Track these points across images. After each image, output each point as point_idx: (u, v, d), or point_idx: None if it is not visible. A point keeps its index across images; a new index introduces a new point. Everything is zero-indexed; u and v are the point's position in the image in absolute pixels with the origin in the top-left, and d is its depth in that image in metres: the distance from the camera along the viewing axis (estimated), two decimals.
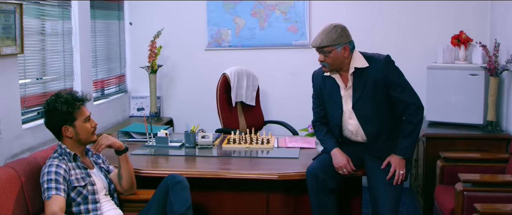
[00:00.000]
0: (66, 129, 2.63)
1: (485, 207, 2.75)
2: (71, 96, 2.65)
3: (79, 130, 2.65)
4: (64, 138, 2.66)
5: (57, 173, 2.52)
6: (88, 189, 2.63)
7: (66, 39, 4.09)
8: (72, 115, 2.63)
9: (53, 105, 2.62)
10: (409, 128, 2.95)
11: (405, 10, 4.88)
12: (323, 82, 3.09)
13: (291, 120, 4.73)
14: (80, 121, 2.65)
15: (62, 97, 2.63)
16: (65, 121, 2.62)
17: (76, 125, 2.64)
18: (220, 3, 5.08)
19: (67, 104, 2.61)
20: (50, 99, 2.67)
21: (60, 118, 2.62)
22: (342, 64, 2.97)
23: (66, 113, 2.61)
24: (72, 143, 2.67)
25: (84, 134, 2.67)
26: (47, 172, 2.52)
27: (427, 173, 4.12)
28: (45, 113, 2.67)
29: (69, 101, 2.62)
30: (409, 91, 2.96)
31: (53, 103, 2.62)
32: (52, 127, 2.67)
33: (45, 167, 2.56)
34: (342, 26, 2.95)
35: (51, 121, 2.65)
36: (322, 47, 2.92)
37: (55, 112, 2.61)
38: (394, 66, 2.97)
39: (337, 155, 3.04)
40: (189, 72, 5.22)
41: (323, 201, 2.96)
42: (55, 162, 2.57)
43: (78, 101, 2.65)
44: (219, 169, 3.17)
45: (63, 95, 2.64)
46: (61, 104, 2.60)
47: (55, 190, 2.47)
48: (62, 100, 2.62)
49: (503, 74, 4.18)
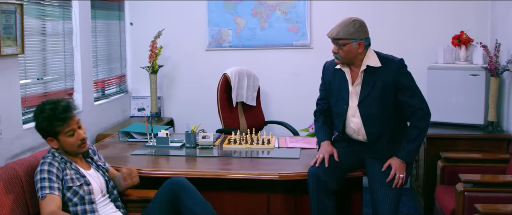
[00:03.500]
0: (51, 140, 2.59)
1: (485, 207, 2.75)
2: (53, 113, 2.53)
3: (63, 144, 2.59)
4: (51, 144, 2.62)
5: (49, 172, 2.49)
6: (84, 189, 2.58)
7: (67, 39, 4.09)
8: (53, 131, 2.55)
9: (37, 117, 2.57)
10: (414, 133, 2.95)
11: (406, 10, 4.88)
12: (333, 75, 3.10)
13: (291, 120, 4.73)
14: (63, 135, 2.57)
15: (45, 112, 2.54)
16: (47, 134, 2.58)
17: (60, 139, 2.58)
18: (220, 3, 5.08)
19: (48, 121, 2.54)
20: (37, 108, 2.60)
21: (42, 131, 2.58)
22: (355, 59, 2.97)
23: (47, 129, 2.55)
24: (60, 151, 2.63)
25: (69, 147, 2.61)
26: (40, 170, 2.50)
27: (428, 173, 4.12)
28: (33, 119, 2.61)
29: (51, 118, 2.54)
30: (418, 97, 2.97)
31: (37, 115, 2.57)
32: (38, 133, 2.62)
33: (38, 167, 2.53)
34: (361, 21, 2.95)
35: (37, 128, 2.60)
36: (337, 39, 2.93)
37: (37, 124, 2.57)
38: (406, 70, 2.98)
39: (323, 146, 3.08)
40: (190, 73, 5.22)
41: (323, 202, 2.96)
42: (47, 160, 2.54)
43: (59, 121, 2.54)
44: (219, 169, 3.17)
45: (46, 110, 2.55)
46: (42, 119, 2.55)
47: (49, 189, 2.45)
48: (44, 115, 2.54)
49: (504, 74, 4.18)
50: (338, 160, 3.01)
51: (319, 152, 3.06)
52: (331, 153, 3.03)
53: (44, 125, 2.55)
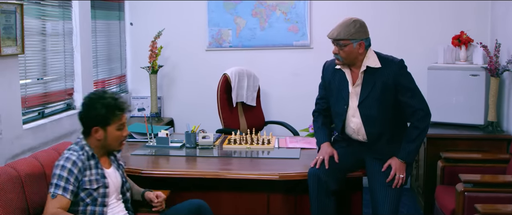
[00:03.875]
0: (96, 130, 2.51)
1: (486, 207, 2.75)
2: (114, 103, 2.51)
3: (109, 136, 2.53)
4: (91, 137, 2.54)
5: (70, 172, 2.43)
6: (99, 192, 2.53)
7: (67, 39, 4.09)
8: (107, 120, 2.50)
9: (94, 103, 2.49)
10: (415, 133, 2.95)
11: (406, 10, 4.89)
12: (332, 75, 3.10)
13: (291, 120, 4.73)
14: (113, 127, 2.52)
15: (105, 99, 2.50)
16: (98, 123, 2.50)
17: (108, 130, 2.52)
18: (220, 3, 5.08)
19: (107, 109, 2.49)
20: (94, 94, 2.54)
21: (94, 118, 2.50)
22: (355, 59, 2.97)
23: (103, 116, 2.49)
24: (97, 145, 2.56)
25: (113, 142, 2.56)
26: (62, 166, 2.42)
27: (428, 174, 4.12)
28: (84, 105, 2.53)
29: (111, 107, 2.50)
30: (418, 97, 2.96)
31: (95, 101, 2.50)
32: (84, 121, 2.54)
33: (62, 159, 2.46)
34: (361, 21, 2.95)
35: (86, 116, 2.52)
36: (338, 40, 2.92)
37: (93, 110, 2.49)
38: (406, 71, 2.97)
39: (323, 147, 3.08)
40: (190, 73, 5.22)
41: (323, 203, 2.96)
42: (73, 157, 2.45)
43: (119, 111, 2.52)
44: (219, 170, 3.17)
45: (107, 98, 2.51)
46: (101, 106, 2.48)
47: (63, 190, 2.41)
48: (104, 102, 2.49)
49: (504, 74, 4.18)
50: (338, 161, 3.01)
51: (319, 153, 3.05)
52: (331, 154, 3.03)
53: (101, 112, 2.47)
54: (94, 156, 2.56)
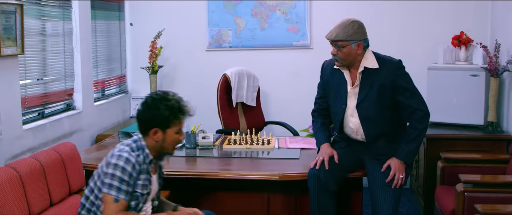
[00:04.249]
0: (155, 132, 2.45)
1: (485, 208, 2.75)
2: (178, 105, 2.47)
3: (167, 139, 2.47)
4: (148, 138, 2.47)
5: (130, 175, 2.36)
6: (143, 197, 2.47)
7: (67, 39, 4.09)
8: (168, 122, 2.44)
9: (157, 104, 2.44)
10: (414, 134, 2.95)
11: (406, 10, 4.89)
12: (331, 75, 3.09)
13: (291, 120, 4.73)
14: (172, 130, 2.47)
15: (169, 101, 2.45)
16: (159, 124, 2.44)
17: (168, 132, 2.46)
18: (220, 3, 5.08)
19: (170, 110, 2.44)
20: (156, 95, 2.48)
21: (156, 119, 2.44)
22: (354, 60, 2.96)
23: (165, 118, 2.43)
24: (153, 146, 2.48)
25: (170, 144, 2.50)
26: (123, 168, 2.35)
27: (428, 174, 4.12)
28: (145, 105, 2.47)
29: (174, 109, 2.45)
30: (417, 98, 2.96)
31: (158, 102, 2.44)
32: (143, 122, 2.48)
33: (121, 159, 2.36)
34: (359, 22, 2.94)
35: (147, 116, 2.46)
36: (336, 41, 2.91)
37: (155, 111, 2.43)
38: (404, 72, 2.97)
39: (323, 148, 3.08)
40: (190, 73, 5.22)
41: (323, 203, 2.97)
42: (132, 159, 2.38)
43: (182, 114, 2.48)
44: (219, 170, 3.17)
45: (172, 100, 2.46)
46: (165, 108, 2.43)
47: (125, 194, 2.35)
48: (168, 104, 2.44)
49: (504, 75, 4.18)
50: (338, 161, 3.01)
51: (319, 154, 3.05)
52: (331, 154, 3.03)
53: (165, 113, 2.42)
54: (151, 162, 2.50)
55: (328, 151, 3.04)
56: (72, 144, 3.07)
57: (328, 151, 3.04)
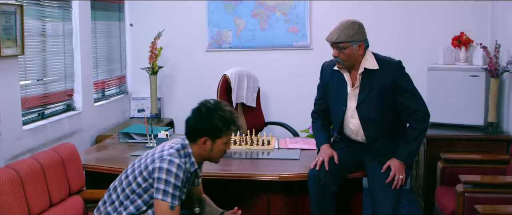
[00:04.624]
0: (205, 141, 2.43)
1: (486, 208, 2.75)
2: (231, 117, 2.45)
3: (215, 149, 2.46)
4: (196, 145, 2.45)
5: (183, 182, 2.36)
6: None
7: (67, 40, 4.09)
8: (220, 133, 2.43)
9: (211, 114, 2.41)
10: (414, 134, 2.95)
11: (406, 11, 4.89)
12: (331, 76, 3.09)
13: (291, 121, 4.73)
14: (222, 141, 2.45)
15: (224, 112, 2.43)
16: (210, 134, 2.42)
17: (217, 142, 2.44)
18: (220, 4, 5.08)
19: (224, 121, 2.42)
20: (211, 104, 2.46)
21: (208, 129, 2.42)
22: (355, 61, 2.95)
23: (218, 129, 2.42)
24: (200, 154, 2.47)
25: (216, 155, 2.49)
26: (176, 175, 2.32)
27: (428, 174, 4.12)
28: (199, 112, 2.45)
29: (228, 120, 2.43)
30: (417, 98, 2.96)
31: (213, 111, 2.42)
32: (194, 129, 2.45)
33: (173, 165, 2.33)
34: (359, 23, 2.93)
35: (199, 124, 2.43)
36: (337, 43, 2.90)
37: (210, 120, 2.41)
38: (404, 72, 2.96)
39: (323, 148, 3.08)
40: (190, 74, 5.22)
41: (323, 204, 2.96)
42: (183, 165, 2.36)
43: (234, 126, 2.46)
44: (219, 170, 3.17)
45: (225, 110, 2.44)
46: (219, 118, 2.41)
47: (179, 200, 2.34)
48: (222, 115, 2.42)
49: (504, 75, 4.18)
50: (338, 162, 3.01)
51: (319, 155, 3.05)
52: (331, 155, 3.02)
53: (219, 124, 2.41)
54: (196, 171, 2.50)
55: (328, 152, 3.04)
56: (72, 144, 3.07)
57: (328, 152, 3.04)
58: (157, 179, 2.32)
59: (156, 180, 2.33)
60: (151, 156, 2.42)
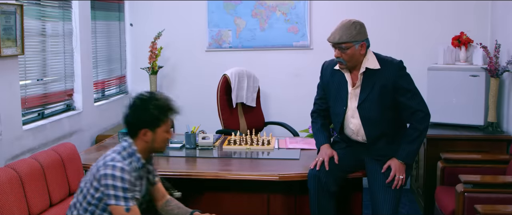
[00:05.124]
0: (145, 133, 2.41)
1: (486, 208, 2.75)
2: (166, 103, 2.44)
3: (157, 138, 2.43)
4: (138, 140, 2.43)
5: (131, 183, 2.34)
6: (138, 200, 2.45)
7: (67, 40, 4.09)
8: (158, 122, 2.41)
9: (145, 105, 2.40)
10: (414, 134, 2.95)
11: (406, 11, 4.88)
12: (331, 76, 3.08)
13: (291, 121, 4.73)
14: (162, 129, 2.43)
15: (158, 101, 2.42)
16: (148, 125, 2.40)
17: (157, 132, 2.42)
18: (220, 4, 5.08)
19: (160, 110, 2.40)
20: (144, 96, 2.45)
21: (146, 120, 2.40)
22: (357, 61, 2.95)
23: (155, 117, 2.40)
24: (144, 147, 2.45)
25: (160, 144, 2.47)
26: (121, 178, 2.30)
27: (428, 174, 4.12)
28: (133, 107, 2.43)
29: (164, 108, 2.42)
30: (418, 98, 2.95)
31: (147, 102, 2.41)
32: (132, 124, 2.43)
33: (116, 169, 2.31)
34: (360, 22, 2.93)
35: (135, 118, 2.42)
36: (340, 43, 2.89)
37: (145, 112, 2.39)
38: (405, 72, 2.96)
39: (323, 148, 3.08)
40: (190, 74, 5.22)
41: (323, 204, 2.96)
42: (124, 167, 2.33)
43: (171, 112, 2.45)
44: (219, 170, 3.17)
45: (159, 99, 2.44)
46: (154, 107, 2.39)
47: (132, 200, 2.32)
48: (157, 103, 2.41)
49: (504, 75, 4.18)
50: (338, 162, 3.01)
51: (319, 155, 3.05)
52: (331, 155, 3.02)
53: (154, 113, 2.38)
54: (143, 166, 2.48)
55: (328, 152, 3.04)
56: (72, 144, 3.08)
57: (328, 152, 3.04)
58: (105, 186, 2.33)
59: (105, 187, 2.33)
60: (96, 165, 2.42)
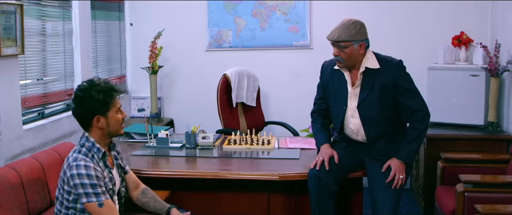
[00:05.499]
0: (98, 119, 2.43)
1: (486, 208, 2.75)
2: (108, 86, 2.47)
3: (111, 121, 2.46)
4: (93, 129, 2.46)
5: (97, 177, 2.35)
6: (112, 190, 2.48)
7: (67, 40, 4.09)
8: (107, 105, 2.44)
9: (88, 93, 2.42)
10: (414, 134, 2.95)
11: (406, 11, 4.88)
12: (331, 75, 3.08)
13: (291, 120, 4.73)
14: (113, 111, 2.46)
15: (98, 86, 2.44)
16: (98, 111, 2.43)
17: (109, 115, 2.45)
18: (220, 3, 5.08)
19: (103, 93, 2.43)
20: (83, 86, 2.46)
21: (93, 107, 2.42)
22: (356, 61, 2.95)
23: (102, 102, 2.42)
24: (101, 135, 2.47)
25: (115, 126, 2.49)
26: (87, 174, 2.32)
27: (428, 174, 4.12)
28: (77, 99, 2.45)
29: (106, 90, 2.44)
30: (417, 98, 2.95)
31: (88, 90, 2.42)
32: (82, 116, 2.46)
33: (80, 167, 2.33)
34: (361, 22, 2.93)
35: (83, 109, 2.44)
36: (338, 42, 2.90)
37: (90, 100, 2.41)
38: (405, 72, 2.96)
39: (323, 148, 3.08)
40: (190, 73, 5.22)
41: (323, 203, 2.96)
42: (87, 163, 2.35)
43: (114, 92, 2.48)
44: (219, 170, 3.17)
45: (99, 84, 2.45)
46: (97, 93, 2.41)
47: (103, 194, 2.33)
48: (98, 88, 2.43)
49: (504, 75, 4.18)
50: (338, 162, 3.01)
51: (319, 155, 3.05)
52: (331, 155, 3.02)
53: (99, 97, 2.41)
54: (105, 155, 2.50)
55: (328, 152, 3.04)
56: (72, 144, 3.08)
57: (328, 152, 3.04)
58: (74, 186, 2.34)
59: (74, 187, 2.34)
60: (63, 168, 2.43)
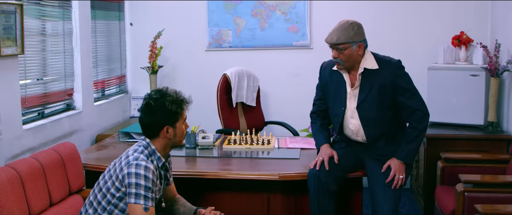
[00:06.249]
0: (167, 130, 2.45)
1: (486, 208, 2.75)
2: (178, 97, 2.51)
3: (178, 132, 2.49)
4: (159, 138, 2.47)
5: (153, 182, 2.35)
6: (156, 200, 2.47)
7: (67, 39, 4.09)
8: (177, 116, 2.47)
9: (161, 102, 2.44)
10: (414, 134, 2.95)
11: (406, 10, 4.88)
12: (330, 76, 3.08)
13: (291, 120, 4.73)
14: (180, 122, 2.50)
15: (170, 96, 2.48)
16: (169, 121, 2.45)
17: (177, 126, 2.48)
18: (220, 3, 5.08)
19: (176, 104, 2.46)
20: (155, 95, 2.49)
21: (165, 117, 2.44)
22: (355, 62, 2.95)
23: (173, 112, 2.45)
24: (164, 144, 2.49)
25: (180, 137, 2.52)
26: (145, 176, 2.32)
27: (428, 174, 4.12)
28: (148, 108, 2.45)
29: (179, 101, 2.49)
30: (417, 98, 2.95)
31: (161, 100, 2.45)
32: (152, 124, 2.46)
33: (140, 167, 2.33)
34: (358, 23, 2.93)
35: (155, 118, 2.44)
36: (337, 44, 2.89)
37: (162, 109, 2.43)
38: (404, 72, 2.96)
39: (323, 148, 3.08)
40: (190, 73, 5.22)
41: (323, 203, 2.96)
42: (151, 166, 2.36)
43: (185, 103, 2.52)
44: (219, 170, 3.17)
45: (171, 94, 2.49)
46: (170, 103, 2.45)
47: (151, 201, 2.34)
48: (171, 99, 2.46)
49: (504, 75, 4.18)
50: (338, 162, 3.00)
51: (319, 155, 3.05)
52: (331, 155, 3.02)
53: (172, 108, 2.44)
54: (164, 165, 2.51)
55: (328, 152, 3.04)
56: (72, 144, 3.07)
57: (328, 152, 3.04)
58: (128, 185, 2.34)
59: (128, 186, 2.34)
60: (119, 164, 2.42)
